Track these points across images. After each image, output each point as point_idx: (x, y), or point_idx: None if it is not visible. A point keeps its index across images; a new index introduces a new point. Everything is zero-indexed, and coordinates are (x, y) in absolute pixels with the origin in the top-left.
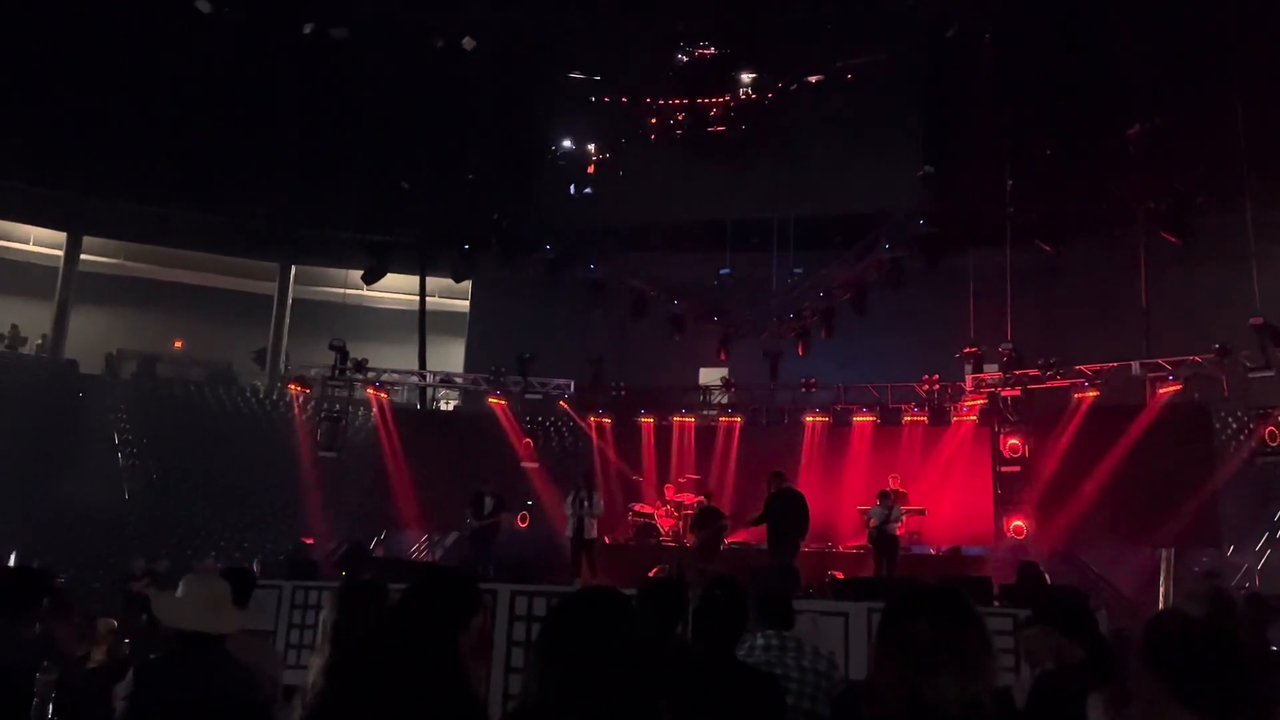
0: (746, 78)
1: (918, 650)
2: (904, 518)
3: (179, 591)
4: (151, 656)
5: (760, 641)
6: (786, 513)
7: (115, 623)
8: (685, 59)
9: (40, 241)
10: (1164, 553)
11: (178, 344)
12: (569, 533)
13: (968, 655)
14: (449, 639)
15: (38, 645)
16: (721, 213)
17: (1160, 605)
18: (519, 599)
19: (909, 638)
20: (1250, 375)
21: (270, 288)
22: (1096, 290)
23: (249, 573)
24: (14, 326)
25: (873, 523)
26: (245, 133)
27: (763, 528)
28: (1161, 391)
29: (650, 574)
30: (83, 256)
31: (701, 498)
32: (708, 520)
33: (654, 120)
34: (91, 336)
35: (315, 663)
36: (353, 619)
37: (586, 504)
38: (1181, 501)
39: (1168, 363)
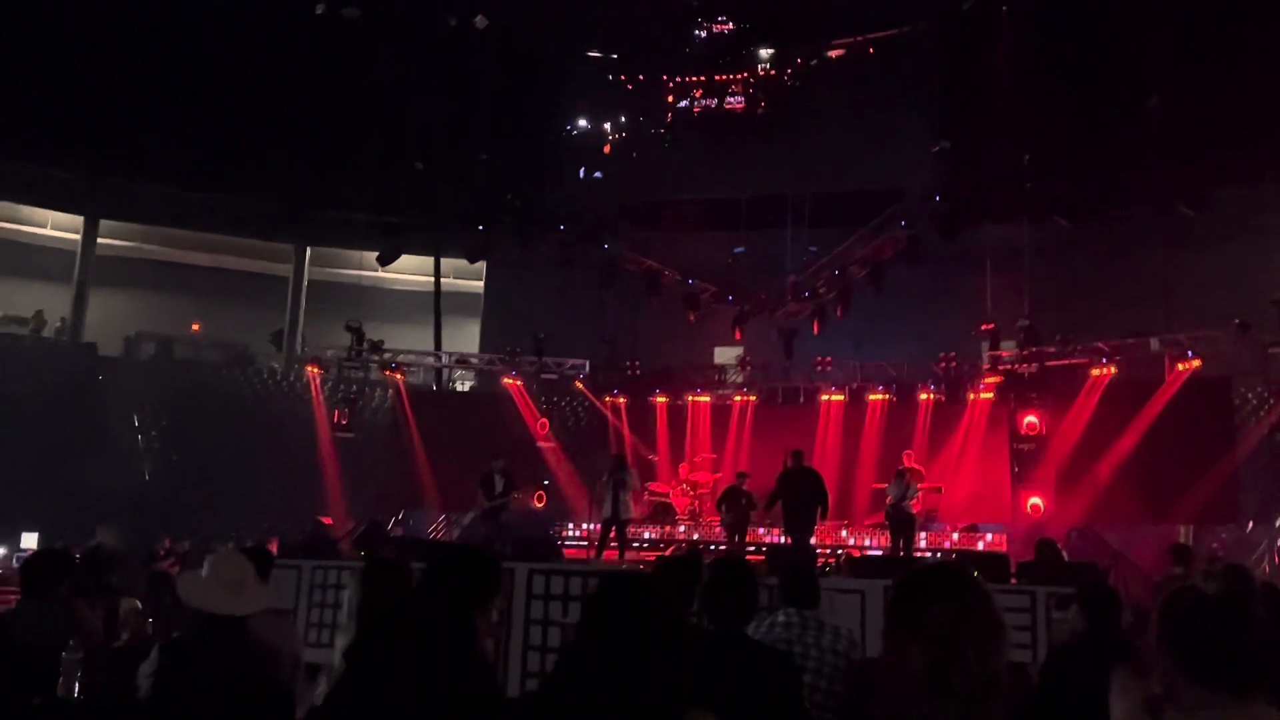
0: (765, 53)
1: (936, 634)
2: (920, 495)
3: (204, 571)
4: (175, 636)
5: (781, 619)
6: (798, 491)
7: (139, 603)
8: (703, 34)
9: (58, 225)
10: (1183, 529)
11: (195, 326)
12: (605, 513)
13: (984, 635)
14: (466, 618)
15: (63, 625)
16: (736, 190)
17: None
18: (536, 578)
19: (925, 622)
20: (1270, 351)
21: (286, 270)
22: (1115, 266)
23: (266, 553)
24: (39, 312)
25: (889, 500)
26: (259, 114)
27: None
28: (1180, 367)
29: (667, 554)
30: (100, 240)
31: (717, 476)
32: (735, 501)
33: (670, 98)
34: (110, 319)
35: (341, 643)
36: (377, 598)
37: (623, 482)
38: (1200, 478)
39: (1187, 339)
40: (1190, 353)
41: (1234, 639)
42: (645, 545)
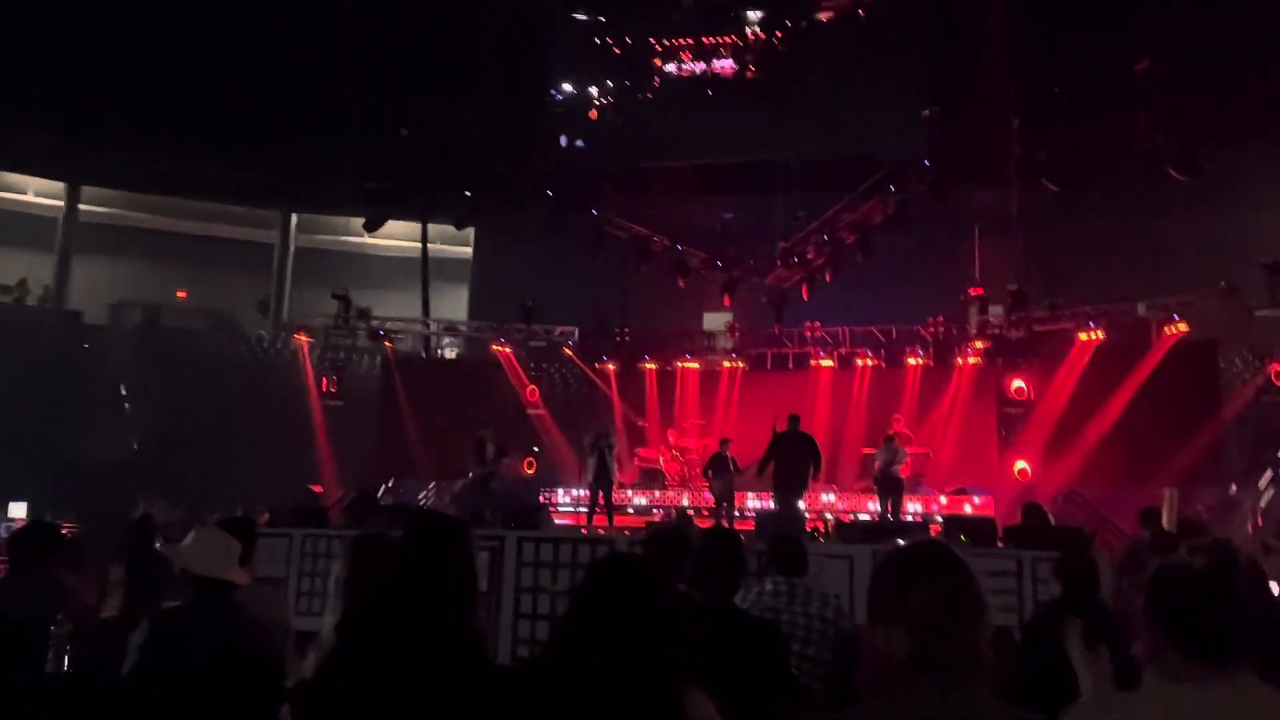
0: (754, 16)
1: (920, 618)
2: (908, 459)
3: (188, 540)
4: (166, 607)
5: (769, 587)
6: (793, 455)
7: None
8: None
9: (39, 192)
10: (1168, 492)
11: (181, 294)
12: (592, 479)
13: (967, 616)
14: (456, 591)
15: (52, 597)
16: (725, 155)
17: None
18: (526, 545)
19: (908, 606)
20: (1257, 314)
21: (272, 236)
22: (1103, 230)
23: (249, 522)
24: (22, 280)
25: (877, 465)
26: (244, 81)
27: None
28: (1167, 331)
29: (655, 519)
30: (82, 206)
31: (705, 441)
32: (722, 468)
33: (658, 62)
34: (94, 287)
35: (328, 620)
36: (363, 573)
37: (609, 448)
38: (1186, 441)
39: (1174, 302)
40: (1177, 316)
41: (1219, 612)
42: (635, 511)
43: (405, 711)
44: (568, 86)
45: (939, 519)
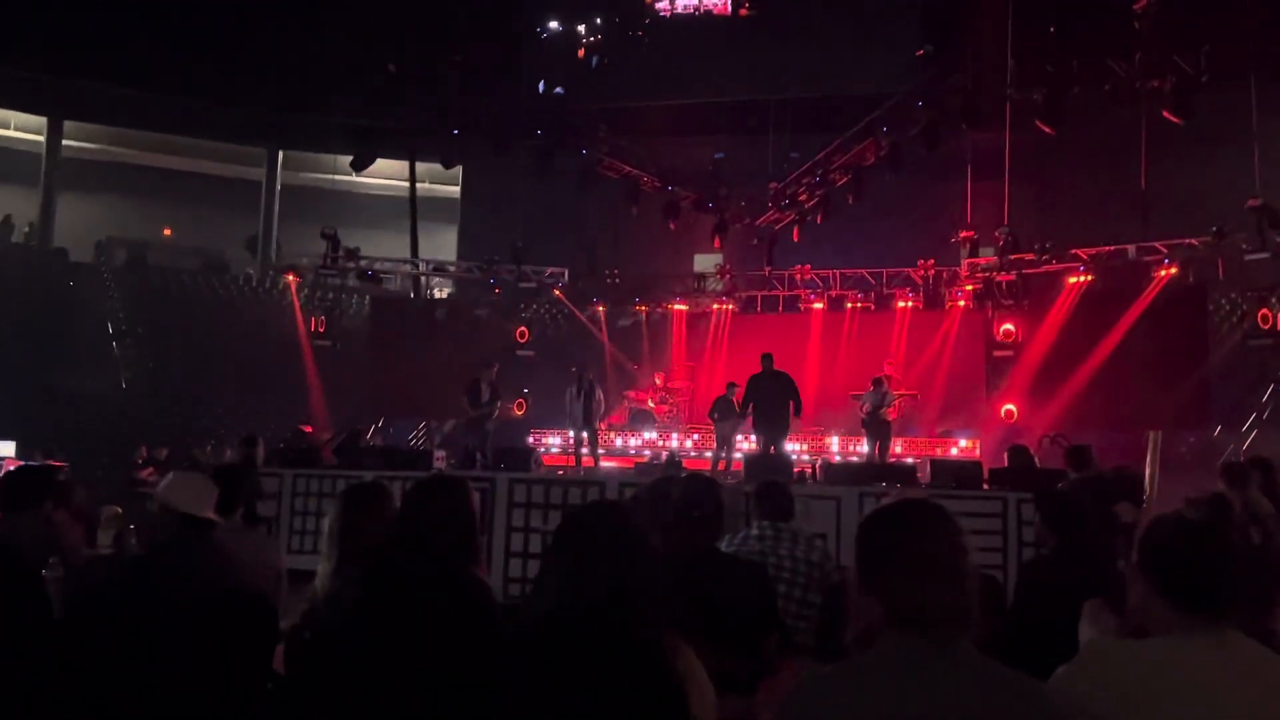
0: None
1: (904, 572)
2: (896, 402)
3: (167, 480)
4: (152, 544)
5: (755, 531)
6: (769, 395)
7: (120, 509)
8: None
9: (21, 126)
10: (1152, 434)
11: (167, 231)
12: (577, 422)
13: (951, 570)
14: (450, 538)
15: (43, 539)
16: (717, 95)
17: (1146, 486)
18: (517, 486)
19: (893, 561)
20: (1247, 258)
21: (259, 174)
22: (1095, 174)
23: (235, 470)
24: (7, 216)
25: (866, 408)
26: (229, 15)
27: None
28: (1157, 275)
29: (643, 460)
30: (65, 142)
31: (687, 383)
32: (728, 410)
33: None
34: (79, 224)
35: (322, 569)
36: (358, 523)
37: (591, 390)
38: (1174, 384)
39: (1164, 246)
40: (1167, 260)
41: (1213, 565)
42: (624, 453)
43: (409, 661)
44: (555, 24)
45: (926, 461)
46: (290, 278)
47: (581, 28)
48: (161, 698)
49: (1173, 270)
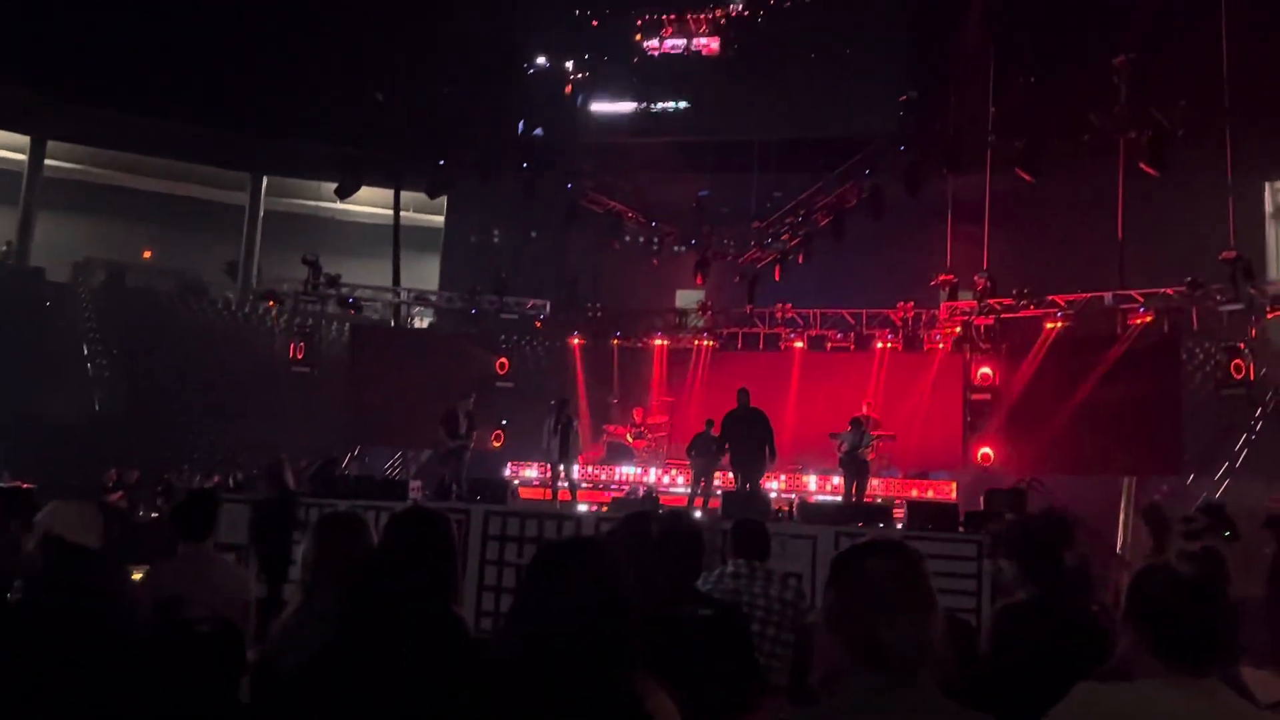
0: None
1: (869, 596)
2: (875, 443)
3: (48, 509)
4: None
5: (730, 569)
6: (745, 434)
7: None
8: None
9: (2, 145)
10: (1126, 480)
11: (146, 253)
12: (554, 456)
13: (917, 601)
14: (444, 595)
15: (7, 562)
16: (703, 133)
17: (1119, 532)
18: (492, 519)
19: (860, 583)
20: (1221, 309)
21: (241, 198)
22: (1074, 221)
23: (210, 495)
24: None
25: (844, 448)
26: (217, 39)
27: None
28: (1133, 322)
29: (620, 494)
30: (47, 161)
31: (666, 418)
32: (705, 447)
33: (638, 37)
34: (58, 244)
35: (294, 599)
36: (333, 553)
37: (569, 423)
38: (1147, 431)
39: (1140, 294)
40: (1142, 308)
41: (1204, 621)
42: (601, 487)
43: (382, 697)
44: (542, 60)
45: (900, 502)
46: (269, 303)
47: (570, 64)
48: None
49: (1148, 319)
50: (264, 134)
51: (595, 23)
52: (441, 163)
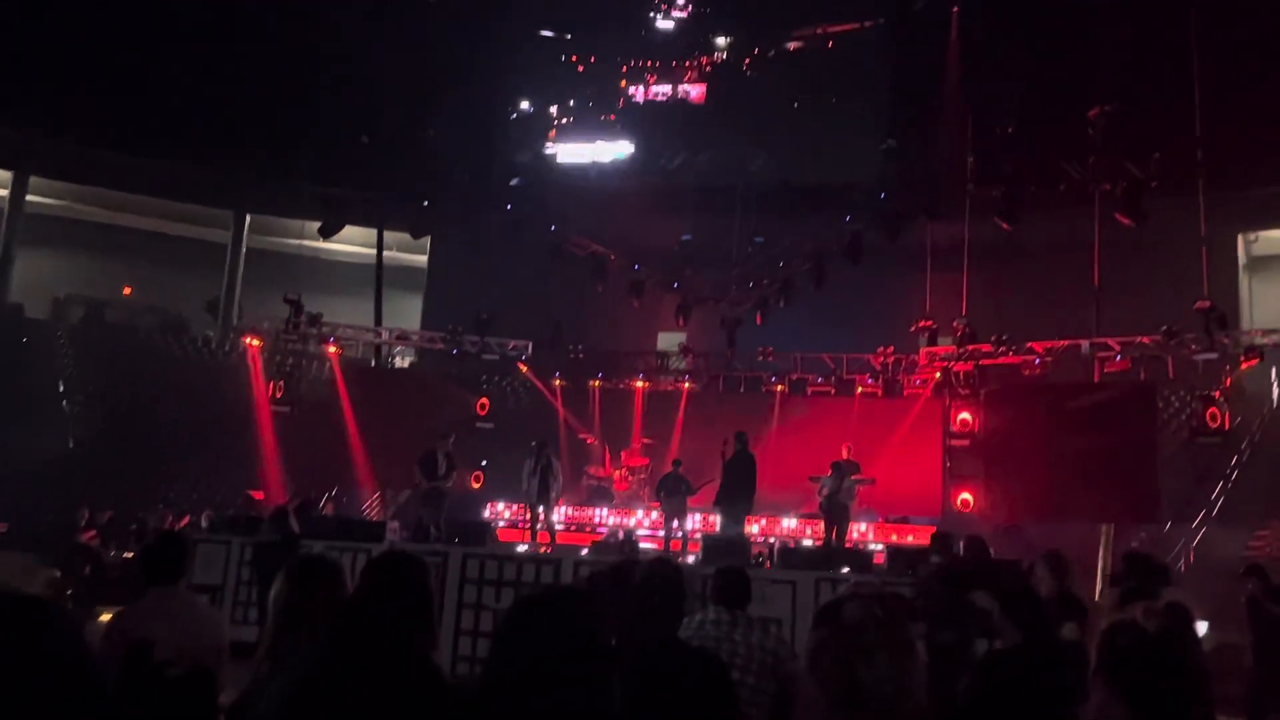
0: (722, 41)
1: (850, 636)
2: (854, 487)
3: None
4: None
5: (711, 617)
6: (737, 477)
7: (58, 573)
8: (662, 19)
9: None
10: (1104, 528)
11: (127, 290)
12: (533, 498)
13: (897, 641)
14: (405, 617)
15: None
16: (686, 178)
17: (1098, 580)
18: (470, 562)
19: (840, 622)
20: (1195, 358)
21: (224, 236)
22: (1051, 269)
23: (180, 537)
24: None
25: (824, 492)
26: (203, 78)
27: None
28: (1109, 370)
29: (599, 538)
30: (29, 197)
31: (646, 460)
32: (674, 488)
33: (624, 84)
34: (38, 280)
35: (267, 640)
36: (307, 598)
37: (549, 466)
38: (1124, 478)
39: (1116, 343)
40: (1119, 357)
41: (1175, 679)
42: (581, 529)
43: None
44: (525, 105)
45: (881, 548)
46: (249, 341)
47: (553, 109)
48: None
49: (1125, 366)
50: (248, 172)
51: (581, 69)
52: (425, 204)
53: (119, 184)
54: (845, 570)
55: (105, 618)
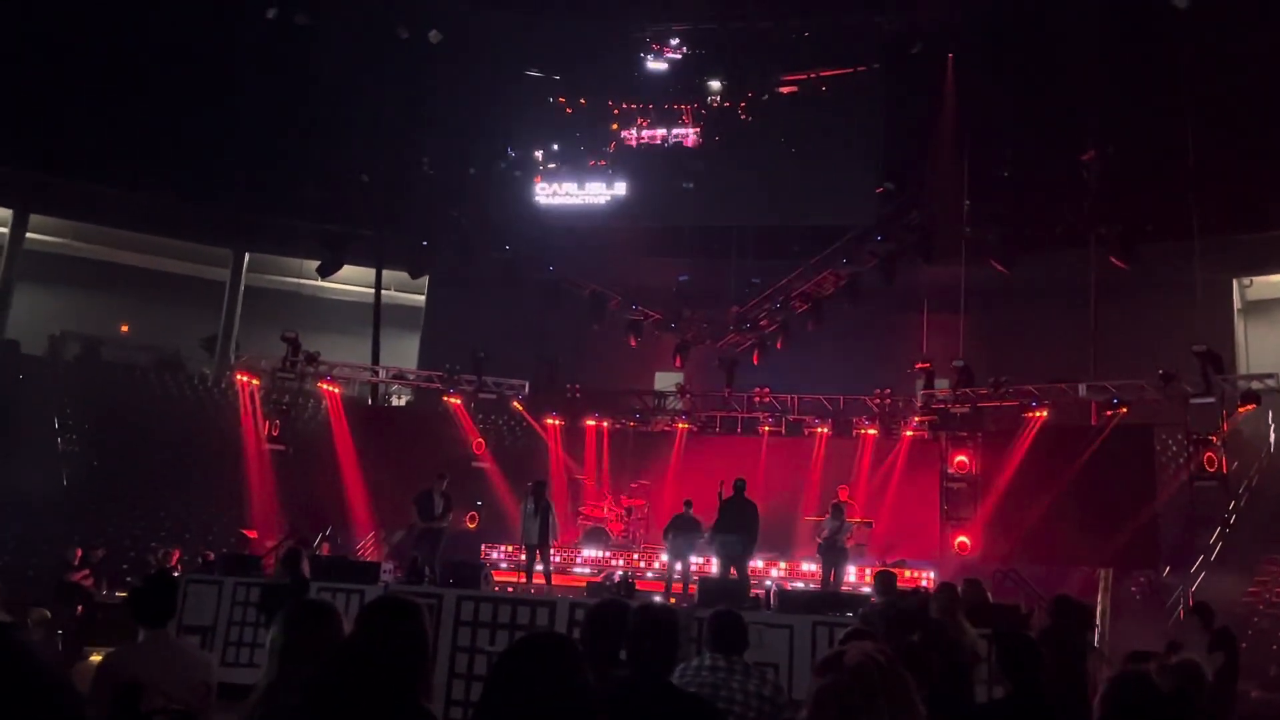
0: (715, 85)
1: (851, 676)
2: (853, 529)
3: None
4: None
5: (708, 662)
6: (735, 521)
7: (49, 613)
8: (653, 60)
9: None
10: (1103, 572)
11: (124, 328)
12: (531, 539)
13: (898, 688)
14: (399, 661)
15: None
16: (681, 220)
17: (1098, 624)
18: (465, 604)
19: (841, 664)
20: (1191, 401)
21: (222, 274)
22: (1047, 312)
23: (168, 578)
24: None
25: (824, 534)
26: (203, 116)
27: None
28: (1107, 414)
29: (596, 579)
30: (29, 234)
31: (642, 501)
32: (683, 529)
33: (615, 126)
34: (35, 317)
35: (261, 684)
36: (302, 641)
37: (546, 506)
38: (1122, 522)
39: (1113, 386)
40: (1116, 400)
41: None
42: (578, 570)
43: None
44: (518, 146)
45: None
46: (243, 378)
47: (539, 153)
48: None
49: (1122, 410)
50: (247, 211)
51: (569, 110)
52: (424, 243)
53: (118, 221)
54: (850, 615)
55: (95, 658)
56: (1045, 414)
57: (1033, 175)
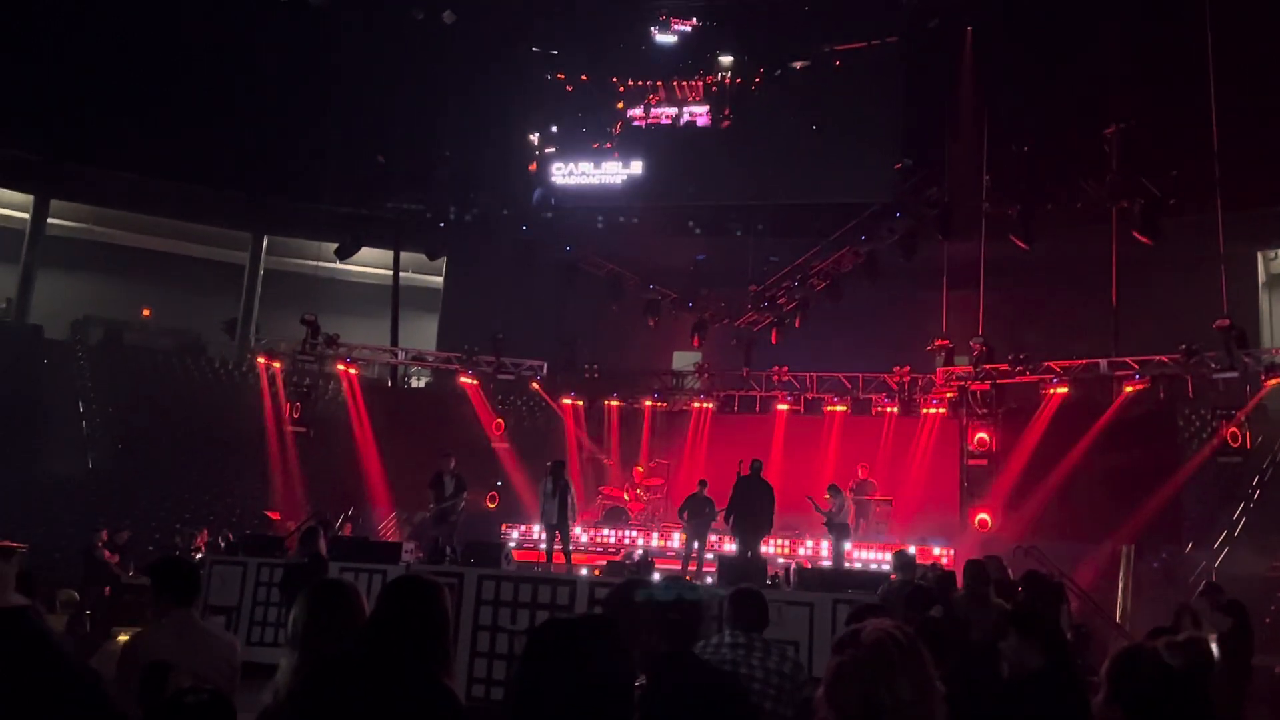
0: (727, 61)
1: (871, 654)
2: (849, 505)
3: None
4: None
5: (728, 639)
6: (750, 501)
7: (77, 594)
8: (662, 35)
9: (7, 203)
10: (1124, 549)
11: (146, 312)
12: (550, 519)
13: (917, 666)
14: (421, 641)
15: None
16: (700, 198)
17: (1119, 600)
18: (486, 583)
19: (859, 645)
20: (1215, 376)
21: (242, 257)
22: (1069, 287)
23: (188, 559)
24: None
25: (835, 509)
26: (221, 101)
27: None
28: (1128, 390)
29: (615, 558)
30: (50, 220)
31: (661, 480)
32: (698, 509)
33: (621, 105)
34: (58, 302)
35: (285, 665)
36: (325, 621)
37: (565, 486)
38: (1144, 498)
39: (1135, 361)
40: (1138, 376)
41: (1190, 716)
42: (597, 549)
43: None
44: (536, 125)
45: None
46: (265, 361)
47: (553, 130)
48: None
49: (1143, 385)
50: (266, 194)
51: (570, 88)
52: (442, 225)
53: (138, 206)
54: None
55: (122, 639)
56: (1066, 390)
57: (1053, 149)
